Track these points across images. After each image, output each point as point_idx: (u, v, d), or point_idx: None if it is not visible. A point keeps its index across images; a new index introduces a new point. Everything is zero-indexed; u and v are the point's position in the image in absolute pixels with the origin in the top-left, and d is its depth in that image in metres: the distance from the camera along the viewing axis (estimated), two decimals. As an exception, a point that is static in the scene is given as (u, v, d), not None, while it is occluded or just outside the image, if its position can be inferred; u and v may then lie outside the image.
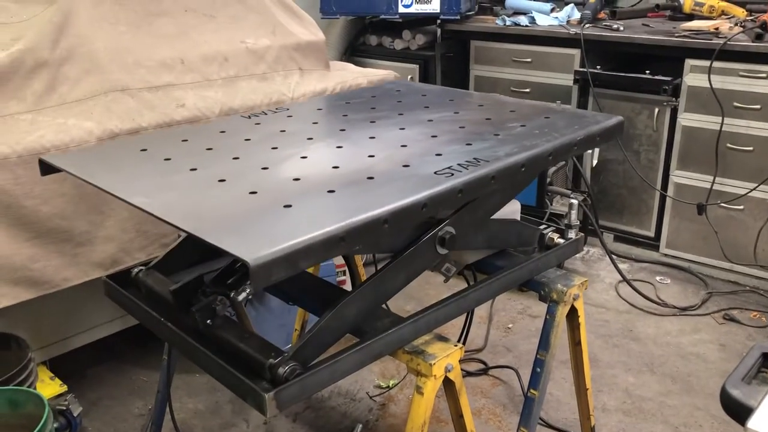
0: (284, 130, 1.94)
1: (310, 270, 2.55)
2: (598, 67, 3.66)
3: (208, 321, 1.53)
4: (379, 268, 1.61)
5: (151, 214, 1.36)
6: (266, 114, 2.10)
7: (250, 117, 2.07)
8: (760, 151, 3.26)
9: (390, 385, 2.79)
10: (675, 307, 3.32)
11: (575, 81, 3.71)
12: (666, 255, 3.70)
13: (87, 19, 2.41)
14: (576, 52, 3.68)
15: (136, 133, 2.31)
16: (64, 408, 2.31)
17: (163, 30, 2.60)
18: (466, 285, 1.83)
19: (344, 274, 3.17)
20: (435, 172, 1.52)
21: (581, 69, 3.65)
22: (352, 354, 1.49)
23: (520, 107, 2.08)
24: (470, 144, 1.72)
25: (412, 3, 3.90)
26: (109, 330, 2.64)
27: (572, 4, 3.99)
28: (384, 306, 1.71)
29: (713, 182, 3.39)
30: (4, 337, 2.23)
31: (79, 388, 2.56)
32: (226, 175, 1.56)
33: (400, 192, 1.43)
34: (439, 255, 1.65)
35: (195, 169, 1.60)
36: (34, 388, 2.13)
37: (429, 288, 3.48)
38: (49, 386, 2.32)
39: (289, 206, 1.38)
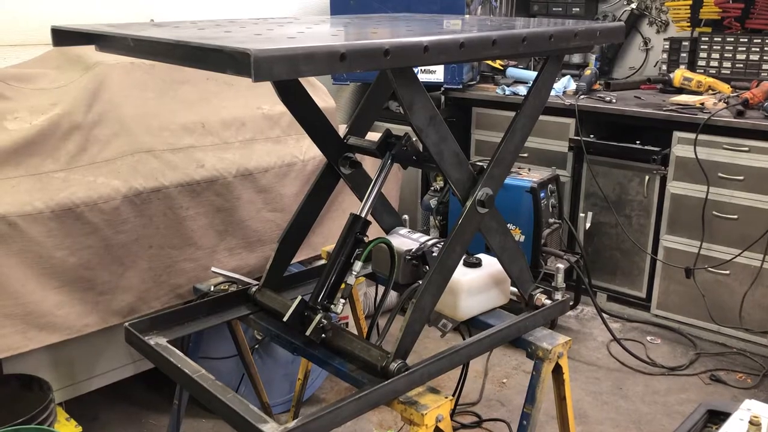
0: (287, 23, 2.03)
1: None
2: (592, 135, 3.87)
3: (323, 335, 1.80)
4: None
5: (161, 41, 1.45)
6: (265, 19, 2.16)
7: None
8: (744, 219, 3.43)
9: (387, 435, 2.91)
10: (664, 367, 3.44)
11: (570, 148, 3.92)
12: (657, 316, 3.84)
13: (118, 85, 2.63)
14: (571, 121, 3.89)
15: (159, 192, 2.51)
16: (79, 448, 2.44)
17: (187, 96, 2.82)
18: (462, 340, 1.97)
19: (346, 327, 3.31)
20: (439, 32, 1.70)
21: (576, 137, 3.86)
22: (352, 402, 1.63)
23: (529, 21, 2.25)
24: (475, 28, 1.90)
25: (417, 72, 4.14)
26: (123, 374, 2.78)
27: (569, 76, 4.23)
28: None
29: (700, 247, 3.56)
30: (27, 379, 2.39)
31: (91, 431, 2.69)
32: (233, 29, 1.68)
33: (403, 36, 1.52)
34: (481, 216, 1.83)
35: (203, 29, 1.72)
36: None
37: (428, 342, 3.61)
38: (65, 427, 2.45)
39: (293, 38, 1.51)
